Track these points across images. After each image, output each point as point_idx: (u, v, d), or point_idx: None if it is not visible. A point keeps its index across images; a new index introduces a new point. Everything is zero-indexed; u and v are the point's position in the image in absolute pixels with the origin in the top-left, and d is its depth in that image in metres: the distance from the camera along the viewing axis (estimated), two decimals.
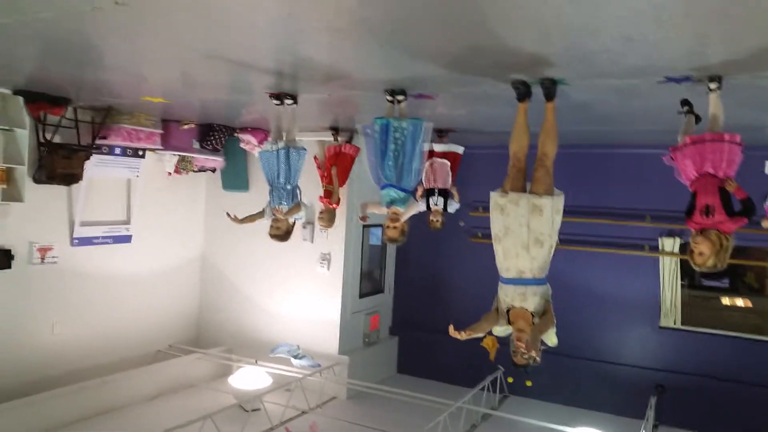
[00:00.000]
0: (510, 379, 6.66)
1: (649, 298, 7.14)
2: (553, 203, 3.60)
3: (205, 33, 3.20)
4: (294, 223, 5.32)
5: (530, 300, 3.60)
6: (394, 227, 4.51)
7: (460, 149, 6.54)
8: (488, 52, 3.28)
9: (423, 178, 6.20)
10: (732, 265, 8.04)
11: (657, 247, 7.04)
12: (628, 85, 3.85)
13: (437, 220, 6.36)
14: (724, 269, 3.47)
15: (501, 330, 3.77)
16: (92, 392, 6.24)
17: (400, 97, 4.39)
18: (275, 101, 4.83)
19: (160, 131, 6.84)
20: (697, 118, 4.00)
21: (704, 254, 3.38)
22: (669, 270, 7.02)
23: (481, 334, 3.73)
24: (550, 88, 3.74)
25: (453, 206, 6.42)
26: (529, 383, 4.84)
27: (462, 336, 3.55)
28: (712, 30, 2.70)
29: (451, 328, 3.57)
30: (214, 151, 7.49)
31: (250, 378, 6.75)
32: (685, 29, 2.69)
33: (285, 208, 5.16)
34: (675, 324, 7.07)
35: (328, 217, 6.75)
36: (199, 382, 7.34)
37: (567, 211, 3.66)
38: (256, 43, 3.36)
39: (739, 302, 9.05)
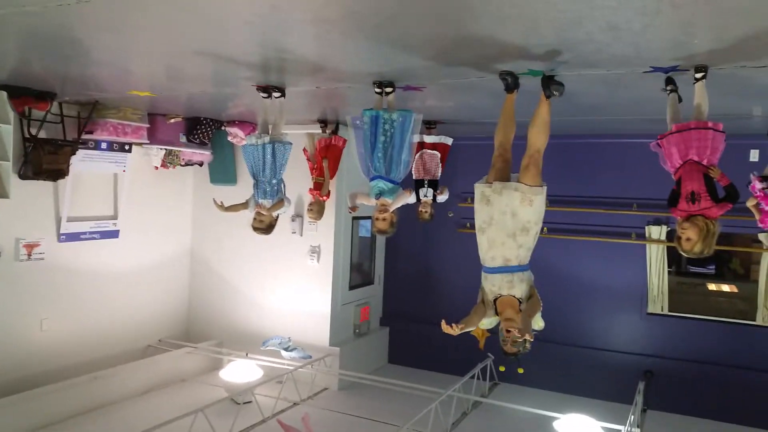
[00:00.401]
0: (502, 368, 6.70)
1: (636, 285, 7.22)
2: (542, 193, 3.62)
3: (190, 26, 3.18)
4: (277, 216, 5.33)
5: (517, 287, 3.60)
6: (383, 219, 4.49)
7: (449, 140, 6.55)
8: (476, 44, 3.29)
9: (413, 170, 6.24)
10: (718, 251, 8.15)
11: (644, 235, 7.11)
12: (614, 75, 3.88)
13: (426, 212, 6.35)
14: (710, 255, 3.53)
15: (487, 322, 3.76)
16: (82, 388, 6.22)
17: (388, 89, 4.39)
18: (263, 94, 4.82)
19: (147, 125, 6.78)
20: (679, 98, 4.03)
21: (692, 240, 3.43)
22: (656, 257, 7.09)
23: (472, 328, 3.70)
24: (557, 89, 3.75)
25: (443, 197, 6.45)
26: (521, 370, 4.83)
27: (455, 331, 3.51)
28: (697, 20, 2.72)
29: (443, 324, 3.52)
30: (202, 144, 7.45)
31: (240, 371, 6.75)
32: (671, 19, 2.71)
33: (268, 203, 5.16)
34: (662, 310, 7.16)
35: (318, 209, 6.77)
36: (190, 376, 7.34)
37: (555, 200, 3.69)
38: (242, 35, 3.34)
39: (726, 288, 9.16)
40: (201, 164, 7.93)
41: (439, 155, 6.39)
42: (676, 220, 3.63)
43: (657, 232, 7.02)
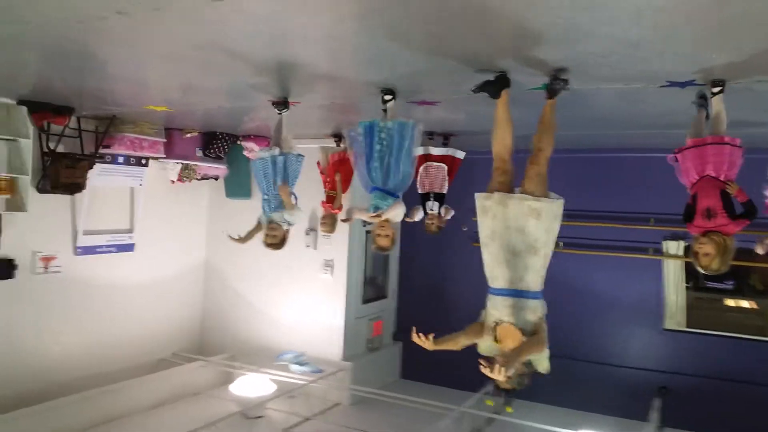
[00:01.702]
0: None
1: (653, 300, 7.14)
2: (552, 208, 3.27)
3: (205, 40, 3.21)
4: (288, 230, 5.07)
5: (520, 315, 3.20)
6: (385, 235, 4.19)
7: (460, 154, 6.36)
8: (491, 59, 3.29)
9: (418, 183, 6.14)
10: (737, 266, 8.04)
11: (661, 250, 7.04)
12: (631, 90, 3.86)
13: (433, 223, 6.17)
14: (727, 271, 3.47)
15: (486, 347, 3.36)
16: (95, 401, 6.22)
17: (387, 97, 4.26)
18: (277, 109, 4.82)
19: (164, 140, 6.85)
20: (707, 116, 3.99)
21: (710, 254, 3.36)
22: (673, 272, 7.02)
23: (456, 348, 3.37)
24: (557, 89, 3.52)
25: (450, 214, 6.29)
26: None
27: (427, 343, 3.19)
28: (713, 34, 2.70)
29: (414, 334, 3.21)
30: (218, 159, 7.51)
31: (253, 385, 6.74)
32: (686, 33, 2.69)
33: (279, 217, 4.89)
34: (679, 326, 7.07)
35: (331, 222, 6.77)
36: (203, 390, 7.33)
37: (572, 215, 3.48)
38: (255, 49, 3.37)
39: (744, 304, 9.01)
40: (217, 178, 7.98)
41: (446, 168, 6.19)
42: (692, 236, 3.58)
43: (674, 247, 6.95)
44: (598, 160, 7.36)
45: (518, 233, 3.24)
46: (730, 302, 9.13)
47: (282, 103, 4.76)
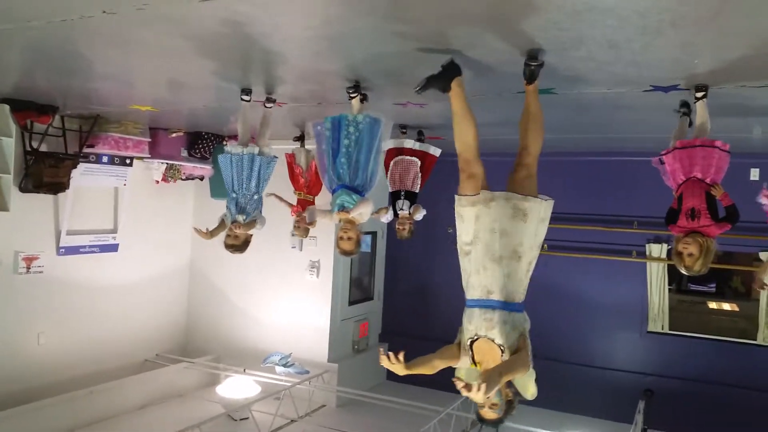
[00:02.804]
0: None
1: (636, 303, 7.20)
2: (539, 209, 2.88)
3: (191, 39, 3.20)
4: (251, 234, 4.72)
5: (499, 329, 2.75)
6: (349, 238, 3.84)
7: (435, 151, 5.74)
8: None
9: (388, 180, 5.65)
10: (719, 269, 8.14)
11: (644, 253, 7.10)
12: (614, 94, 3.89)
13: (404, 228, 5.54)
14: (709, 274, 3.50)
15: (464, 372, 2.91)
16: (79, 403, 6.17)
17: (351, 92, 3.96)
18: (268, 105, 4.66)
19: (148, 139, 6.81)
20: (690, 123, 4.04)
21: (693, 255, 3.36)
22: (656, 275, 7.08)
23: (430, 372, 2.96)
24: (534, 70, 3.08)
25: (418, 215, 5.63)
26: None
27: (399, 368, 2.78)
28: (697, 40, 2.73)
29: (381, 356, 2.79)
30: (203, 159, 7.47)
31: (238, 387, 6.71)
32: (671, 39, 2.72)
33: (242, 219, 4.59)
34: (663, 329, 7.13)
35: (305, 227, 6.03)
36: (187, 391, 7.30)
37: (556, 218, 3.25)
38: (240, 47, 3.36)
39: (726, 306, 9.12)
40: (202, 178, 7.94)
41: (418, 163, 5.57)
42: (675, 238, 3.62)
43: (657, 250, 7.01)
44: (582, 164, 7.41)
45: (501, 236, 2.82)
46: (713, 304, 9.25)
47: (267, 99, 4.51)
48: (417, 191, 5.65)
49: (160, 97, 5.10)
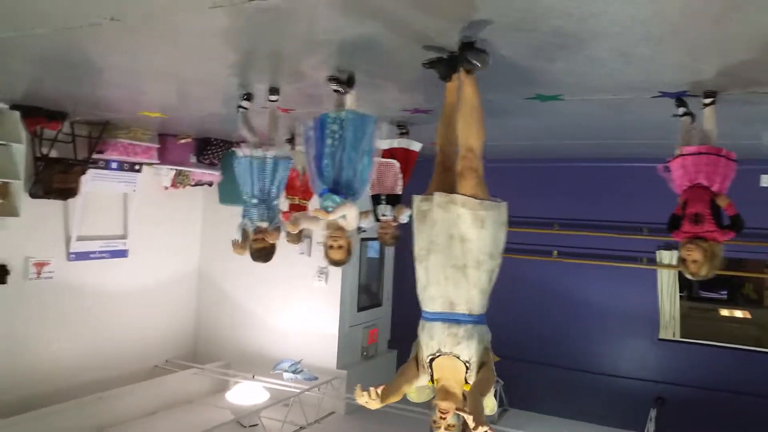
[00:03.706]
0: None
1: (647, 310, 7.14)
2: (496, 215, 2.70)
3: (200, 45, 3.21)
4: (275, 242, 4.44)
5: (465, 345, 2.60)
6: (339, 247, 3.49)
7: (415, 146, 5.31)
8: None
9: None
10: (730, 276, 8.08)
11: (655, 260, 7.04)
12: (622, 101, 3.87)
13: (387, 234, 5.11)
14: (721, 280, 3.48)
15: (416, 394, 2.83)
16: (89, 408, 6.18)
17: (334, 85, 3.61)
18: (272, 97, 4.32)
19: (157, 145, 6.84)
20: (693, 117, 3.98)
21: (698, 261, 3.35)
22: (667, 282, 7.02)
23: (396, 398, 2.78)
24: (471, 58, 2.75)
25: (404, 215, 5.00)
26: None
27: (374, 404, 2.67)
28: (704, 45, 2.71)
29: (357, 392, 2.70)
30: (212, 165, 7.49)
31: (247, 393, 6.71)
32: (677, 44, 2.70)
33: (266, 225, 4.33)
34: (674, 336, 7.07)
35: (297, 234, 5.47)
36: (197, 397, 7.30)
37: (567, 224, 3.20)
38: (251, 51, 3.36)
39: (738, 314, 9.04)
40: (210, 184, 7.97)
41: (398, 165, 5.16)
42: (680, 244, 3.60)
43: (668, 257, 6.96)
44: (593, 170, 7.37)
45: (461, 243, 2.66)
46: (724, 312, 9.17)
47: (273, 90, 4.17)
48: (400, 193, 5.20)
49: (169, 104, 5.12)
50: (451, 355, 2.60)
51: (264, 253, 4.34)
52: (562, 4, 2.29)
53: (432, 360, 2.66)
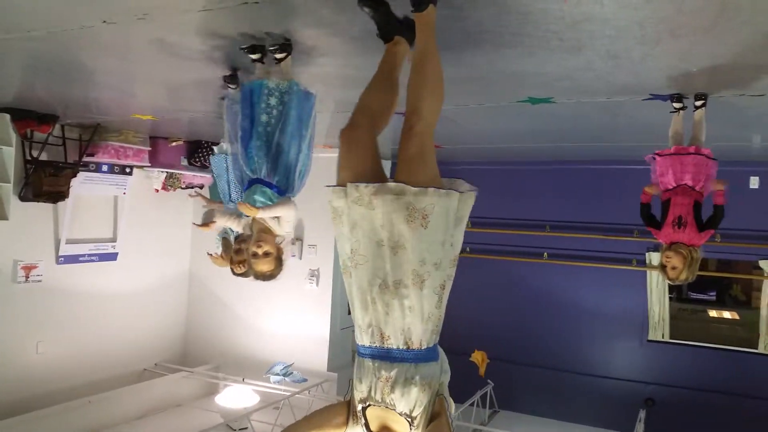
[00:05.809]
0: None
1: (636, 311, 7.18)
2: (446, 204, 1.82)
3: (193, 48, 3.21)
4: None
5: (400, 392, 1.86)
6: (264, 254, 2.78)
7: None
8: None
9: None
10: (719, 277, 8.15)
11: (644, 262, 7.09)
12: (613, 103, 3.90)
13: None
14: (708, 281, 3.55)
15: None
16: (78, 412, 6.14)
17: (278, 55, 2.75)
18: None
19: (148, 148, 6.82)
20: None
21: (677, 268, 3.45)
22: (657, 284, 7.07)
23: None
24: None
25: None
26: None
27: None
28: (696, 49, 2.74)
29: None
30: (203, 168, 7.47)
31: (237, 396, 6.68)
32: (670, 48, 2.73)
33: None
34: (663, 337, 7.11)
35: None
36: (186, 401, 7.26)
37: (556, 226, 3.05)
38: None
39: (727, 315, 9.12)
40: (201, 187, 7.94)
41: None
42: (661, 244, 3.68)
43: (657, 258, 7.00)
44: (581, 172, 7.40)
45: (394, 253, 1.83)
46: (713, 313, 9.25)
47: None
48: None
49: (160, 106, 5.10)
50: (387, 405, 1.89)
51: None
52: (553, 7, 2.31)
53: (364, 410, 1.96)
